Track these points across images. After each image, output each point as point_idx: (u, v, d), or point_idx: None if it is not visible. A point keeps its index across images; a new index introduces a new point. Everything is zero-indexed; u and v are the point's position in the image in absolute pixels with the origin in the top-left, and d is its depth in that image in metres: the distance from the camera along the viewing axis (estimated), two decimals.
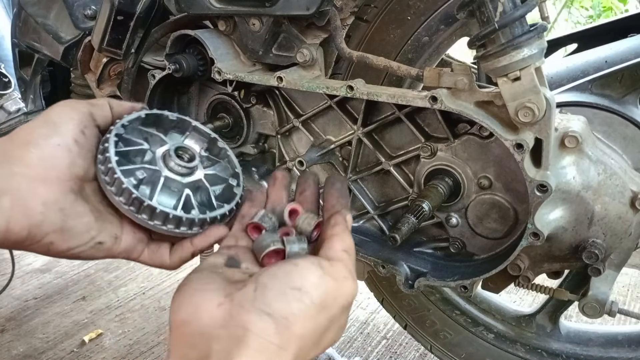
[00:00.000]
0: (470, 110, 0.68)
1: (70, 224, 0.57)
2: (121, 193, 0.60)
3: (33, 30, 1.05)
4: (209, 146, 0.72)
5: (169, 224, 0.62)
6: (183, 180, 0.65)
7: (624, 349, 1.00)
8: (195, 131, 0.71)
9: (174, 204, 0.64)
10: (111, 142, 0.61)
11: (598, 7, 3.85)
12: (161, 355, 1.64)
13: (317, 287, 0.48)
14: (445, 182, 0.78)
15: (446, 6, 0.83)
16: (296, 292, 0.47)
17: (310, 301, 0.47)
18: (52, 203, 0.55)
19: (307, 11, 0.75)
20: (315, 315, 0.48)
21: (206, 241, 0.65)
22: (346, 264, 0.53)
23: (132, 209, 0.60)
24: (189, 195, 0.65)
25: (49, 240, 0.56)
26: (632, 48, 0.89)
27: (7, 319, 1.82)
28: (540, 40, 0.62)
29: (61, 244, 0.57)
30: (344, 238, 0.56)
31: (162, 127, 0.70)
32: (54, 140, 0.57)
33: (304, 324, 0.47)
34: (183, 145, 0.68)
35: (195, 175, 0.67)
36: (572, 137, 0.70)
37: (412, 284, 0.82)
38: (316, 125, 0.91)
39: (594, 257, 0.73)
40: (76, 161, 0.58)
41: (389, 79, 0.92)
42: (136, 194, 0.60)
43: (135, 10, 0.83)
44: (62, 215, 0.56)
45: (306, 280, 0.48)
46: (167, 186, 0.65)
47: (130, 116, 0.66)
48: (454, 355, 1.14)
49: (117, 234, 0.61)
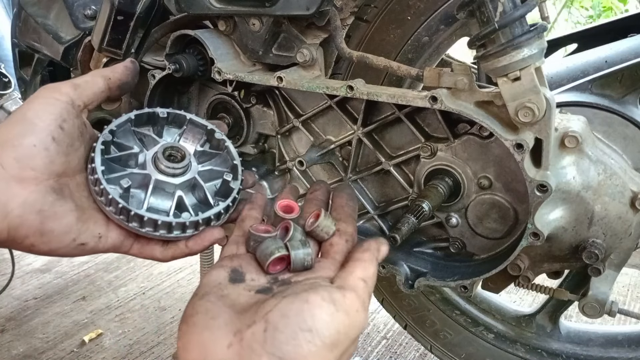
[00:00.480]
0: (470, 110, 0.68)
1: (50, 226, 0.55)
2: (109, 203, 0.59)
3: (33, 30, 1.04)
4: (207, 138, 0.71)
5: (161, 230, 0.61)
6: (175, 182, 0.64)
7: (624, 349, 1.00)
8: (192, 124, 0.70)
9: (168, 206, 0.63)
10: (97, 152, 0.60)
11: (598, 7, 3.85)
12: (161, 355, 1.64)
13: (329, 326, 0.47)
14: (445, 182, 0.78)
15: (446, 6, 0.83)
16: (307, 334, 0.46)
17: (322, 342, 0.46)
18: (30, 205, 0.54)
19: (307, 11, 0.75)
20: (326, 354, 0.46)
21: (201, 244, 0.64)
22: (360, 295, 0.51)
23: (122, 217, 0.60)
24: (182, 197, 0.64)
25: (29, 242, 0.55)
26: (632, 48, 0.89)
27: (7, 319, 1.82)
28: (540, 40, 0.62)
29: (42, 246, 0.56)
30: (368, 267, 0.54)
31: (158, 125, 0.69)
32: (29, 140, 0.55)
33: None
34: (173, 145, 0.67)
35: (188, 174, 0.65)
36: (572, 137, 0.70)
37: (412, 284, 0.82)
38: (316, 125, 0.91)
39: (594, 257, 0.73)
40: (55, 159, 0.57)
41: (389, 79, 0.92)
42: (122, 204, 0.59)
43: (135, 10, 0.83)
44: (41, 217, 0.54)
45: (317, 321, 0.47)
46: (159, 188, 0.64)
47: (118, 120, 0.65)
48: (454, 355, 1.14)
49: (100, 233, 0.60)
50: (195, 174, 0.66)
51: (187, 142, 0.71)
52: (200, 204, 0.67)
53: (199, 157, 0.70)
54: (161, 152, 0.64)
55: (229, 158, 0.70)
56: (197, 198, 0.67)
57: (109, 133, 0.63)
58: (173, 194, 0.64)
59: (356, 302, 0.50)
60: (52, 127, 0.57)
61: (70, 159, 0.59)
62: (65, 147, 0.58)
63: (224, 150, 0.70)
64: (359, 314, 0.50)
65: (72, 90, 0.60)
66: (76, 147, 0.60)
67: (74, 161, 0.60)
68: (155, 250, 0.64)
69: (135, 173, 0.63)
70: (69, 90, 0.60)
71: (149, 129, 0.69)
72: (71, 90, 0.60)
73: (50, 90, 0.59)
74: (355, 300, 0.50)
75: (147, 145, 0.67)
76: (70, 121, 0.59)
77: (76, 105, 0.60)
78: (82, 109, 0.61)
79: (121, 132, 0.66)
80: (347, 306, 0.49)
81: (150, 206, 0.63)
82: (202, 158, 0.70)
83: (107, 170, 0.61)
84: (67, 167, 0.58)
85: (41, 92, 0.59)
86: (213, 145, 0.71)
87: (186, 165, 0.65)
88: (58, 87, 0.60)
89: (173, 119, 0.70)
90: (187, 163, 0.65)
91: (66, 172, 0.58)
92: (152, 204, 0.64)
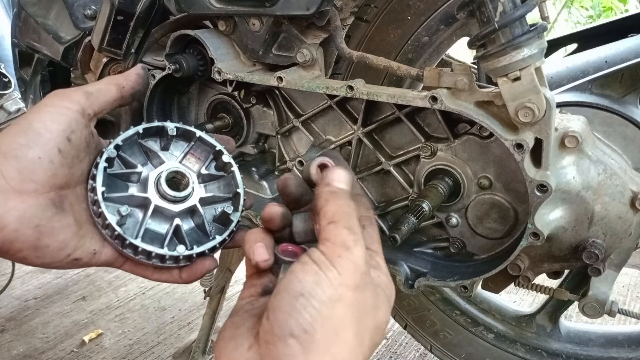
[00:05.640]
0: (470, 110, 0.68)
1: (45, 242, 0.54)
2: (106, 227, 0.58)
3: (33, 30, 1.04)
4: (214, 158, 0.68)
5: (154, 259, 0.60)
6: (174, 209, 0.63)
7: (624, 349, 1.00)
8: (200, 141, 0.68)
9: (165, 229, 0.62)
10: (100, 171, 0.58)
11: (598, 7, 3.85)
12: (161, 355, 1.64)
13: (318, 284, 0.45)
14: (445, 182, 0.78)
15: (446, 6, 0.83)
16: (301, 300, 0.44)
17: (319, 301, 0.44)
18: (28, 219, 0.52)
19: (307, 11, 0.75)
20: (331, 311, 0.44)
21: (193, 276, 0.63)
22: (337, 240, 0.47)
23: (117, 242, 0.59)
24: (179, 226, 0.62)
25: (22, 255, 0.54)
26: (632, 48, 0.89)
27: (7, 319, 1.82)
28: (540, 40, 0.62)
29: (35, 260, 0.54)
30: (329, 207, 0.50)
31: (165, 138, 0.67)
32: (34, 152, 0.53)
33: (325, 325, 0.44)
34: (178, 170, 0.64)
35: (189, 201, 0.64)
36: (572, 137, 0.70)
37: (412, 284, 0.82)
38: (316, 125, 0.91)
39: (594, 257, 0.73)
40: (58, 172, 0.55)
41: (389, 79, 0.92)
42: (118, 232, 0.58)
43: (135, 10, 0.83)
44: (37, 232, 0.53)
45: (305, 284, 0.45)
46: (159, 212, 0.62)
47: (125, 134, 0.63)
48: (454, 355, 1.14)
49: (96, 250, 0.59)
50: (196, 201, 0.64)
51: (193, 158, 0.69)
52: (198, 230, 0.65)
53: (203, 178, 0.67)
54: (164, 177, 0.63)
55: (233, 183, 0.68)
56: (196, 223, 0.65)
57: (114, 149, 0.61)
58: (169, 220, 0.63)
59: (336, 248, 0.47)
60: (59, 138, 0.55)
61: (73, 171, 0.57)
62: (70, 159, 0.56)
63: (229, 174, 0.68)
64: (344, 258, 0.46)
65: (84, 99, 0.58)
66: (81, 158, 0.58)
67: (77, 172, 0.58)
68: (147, 271, 0.63)
69: (136, 196, 0.62)
70: (81, 98, 0.58)
71: (157, 140, 0.67)
72: (83, 98, 0.58)
73: (61, 97, 0.57)
74: (335, 248, 0.47)
75: (152, 160, 0.65)
76: (78, 132, 0.57)
77: (86, 114, 0.58)
78: (91, 118, 0.59)
79: (127, 145, 0.64)
80: (329, 257, 0.46)
81: (147, 228, 0.62)
82: (206, 180, 0.68)
83: (108, 187, 0.59)
84: (70, 178, 0.57)
85: (51, 100, 0.57)
86: (219, 165, 0.69)
87: (188, 194, 0.64)
88: (69, 94, 0.58)
89: (182, 134, 0.68)
90: (189, 192, 0.64)
91: (68, 183, 0.57)
92: (150, 226, 0.62)
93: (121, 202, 0.61)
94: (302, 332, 0.43)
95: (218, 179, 0.69)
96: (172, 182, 0.64)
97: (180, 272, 0.63)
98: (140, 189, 0.63)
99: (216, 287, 1.44)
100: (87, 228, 0.59)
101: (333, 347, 0.44)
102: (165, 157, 0.66)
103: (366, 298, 0.47)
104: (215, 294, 1.45)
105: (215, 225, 0.66)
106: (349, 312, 0.45)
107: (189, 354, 1.53)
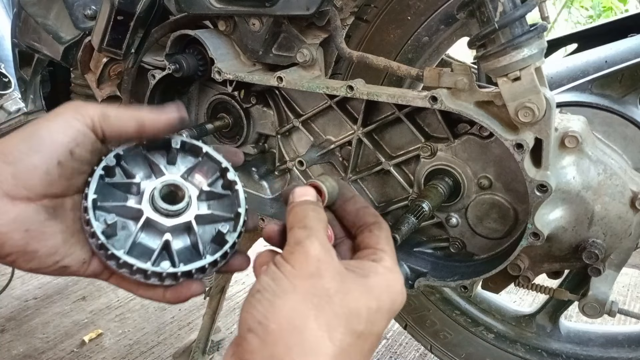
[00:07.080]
0: (470, 110, 0.68)
1: (34, 247, 0.53)
2: (92, 235, 0.57)
3: (33, 30, 1.04)
4: (221, 175, 0.66)
5: (137, 274, 0.58)
6: (167, 223, 0.60)
7: (624, 349, 1.00)
8: (207, 157, 0.66)
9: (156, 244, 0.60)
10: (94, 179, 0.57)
11: (598, 7, 3.85)
12: (161, 355, 1.64)
13: (273, 280, 0.48)
14: (445, 182, 0.78)
15: (446, 6, 0.83)
16: (257, 295, 0.47)
17: (272, 294, 0.46)
18: (19, 223, 0.52)
19: (307, 11, 0.75)
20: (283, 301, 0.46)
21: (177, 298, 0.61)
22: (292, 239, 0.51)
23: (101, 252, 0.57)
24: (169, 242, 0.60)
25: (11, 259, 0.53)
26: (632, 48, 0.89)
27: (7, 319, 1.82)
28: (540, 40, 0.62)
29: (23, 265, 0.54)
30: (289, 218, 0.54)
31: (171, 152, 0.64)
32: (32, 160, 0.52)
33: (278, 314, 0.46)
34: (174, 183, 0.62)
35: (183, 216, 0.61)
36: (572, 137, 0.70)
37: (412, 284, 0.82)
38: (316, 125, 0.91)
39: (594, 257, 0.73)
40: (54, 182, 0.54)
41: (389, 79, 0.92)
42: (102, 241, 0.56)
43: (135, 10, 0.83)
44: (27, 237, 0.53)
45: (262, 283, 0.48)
46: (151, 226, 0.60)
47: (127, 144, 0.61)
48: (454, 355, 1.14)
49: (85, 259, 0.58)
50: (191, 217, 0.62)
51: (199, 175, 0.66)
52: (193, 249, 0.63)
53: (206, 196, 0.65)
54: (159, 189, 0.61)
55: (235, 203, 0.65)
56: (191, 242, 0.63)
57: (114, 158, 0.60)
58: (160, 235, 0.60)
59: (290, 247, 0.50)
60: (61, 150, 0.54)
61: (72, 182, 0.56)
62: (69, 172, 0.55)
63: (233, 193, 0.65)
64: (296, 252, 0.49)
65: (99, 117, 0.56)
66: (83, 171, 0.57)
67: (78, 182, 0.57)
68: (133, 286, 0.62)
69: (128, 207, 0.60)
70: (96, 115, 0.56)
71: (164, 154, 0.65)
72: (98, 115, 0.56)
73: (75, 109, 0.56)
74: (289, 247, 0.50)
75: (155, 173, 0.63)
76: (83, 147, 0.55)
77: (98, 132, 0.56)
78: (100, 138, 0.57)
79: (131, 155, 0.62)
80: (284, 256, 0.49)
81: (139, 242, 0.60)
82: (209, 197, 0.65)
83: (103, 196, 0.58)
84: (68, 188, 0.56)
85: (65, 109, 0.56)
86: (224, 184, 0.66)
87: (182, 208, 0.61)
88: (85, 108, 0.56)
89: (189, 148, 0.65)
90: (183, 206, 0.61)
91: (65, 192, 0.56)
92: (142, 240, 0.60)
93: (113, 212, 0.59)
94: (257, 324, 0.45)
95: (222, 198, 0.66)
96: (168, 196, 0.62)
97: (164, 291, 0.62)
98: (137, 201, 0.61)
99: (216, 287, 1.44)
100: (79, 237, 0.58)
101: (288, 335, 0.45)
102: (168, 170, 0.64)
103: (326, 284, 0.47)
104: (215, 294, 1.45)
105: (212, 245, 0.63)
106: (305, 300, 0.46)
107: (189, 354, 1.53)
